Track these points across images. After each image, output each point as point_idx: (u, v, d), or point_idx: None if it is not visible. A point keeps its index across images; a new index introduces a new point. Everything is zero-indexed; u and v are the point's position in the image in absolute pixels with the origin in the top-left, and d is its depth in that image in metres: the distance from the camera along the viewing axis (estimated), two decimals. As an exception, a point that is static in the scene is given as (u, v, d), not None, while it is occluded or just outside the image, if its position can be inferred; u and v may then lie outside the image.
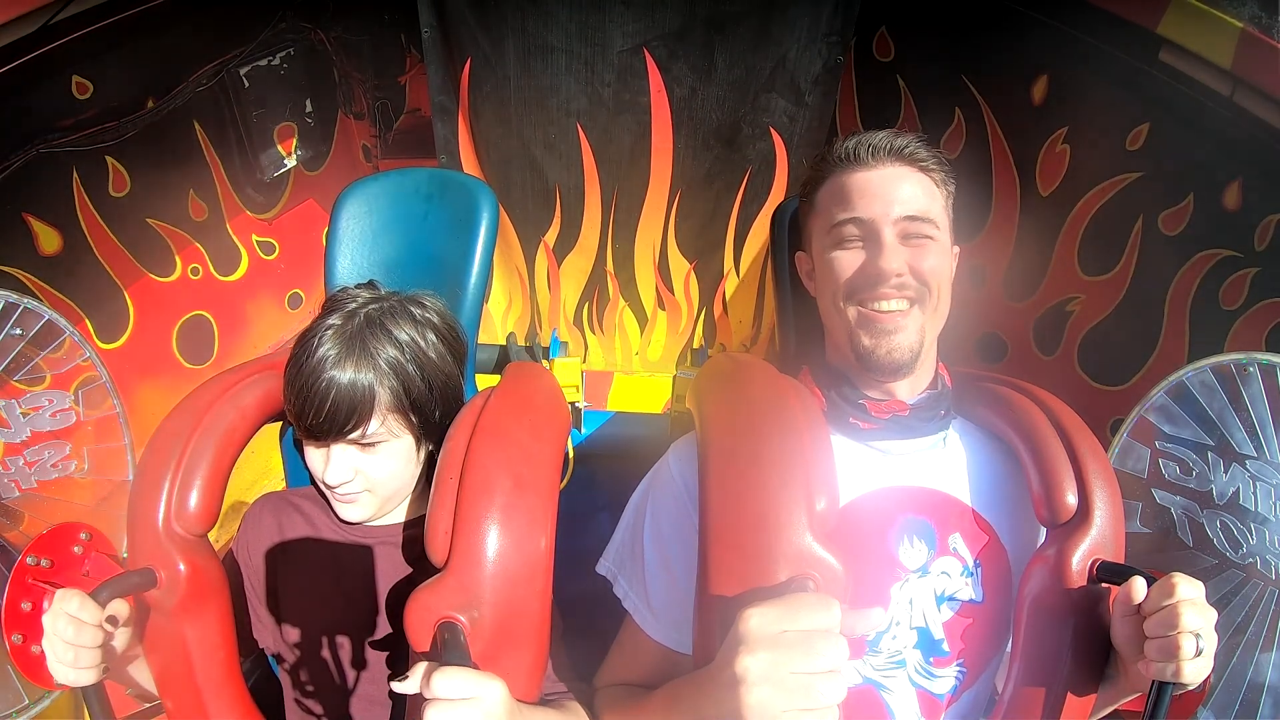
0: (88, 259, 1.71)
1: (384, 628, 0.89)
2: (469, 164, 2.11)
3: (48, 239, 1.58)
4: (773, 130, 2.02)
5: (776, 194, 2.12)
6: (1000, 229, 2.01)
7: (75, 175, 1.64)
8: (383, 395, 0.82)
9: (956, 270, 0.89)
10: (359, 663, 0.90)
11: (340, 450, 0.83)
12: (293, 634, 0.92)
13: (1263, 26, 1.26)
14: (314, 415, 0.80)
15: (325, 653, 0.91)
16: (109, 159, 1.70)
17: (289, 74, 2.31)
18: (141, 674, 0.87)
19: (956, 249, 0.90)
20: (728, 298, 2.39)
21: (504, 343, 1.36)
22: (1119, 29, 1.45)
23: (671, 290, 2.37)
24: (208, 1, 1.78)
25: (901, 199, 0.83)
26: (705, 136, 2.03)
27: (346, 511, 0.88)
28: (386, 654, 0.90)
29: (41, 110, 1.60)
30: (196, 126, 1.98)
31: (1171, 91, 1.42)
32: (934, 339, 0.87)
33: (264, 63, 2.06)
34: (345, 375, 0.80)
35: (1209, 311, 1.47)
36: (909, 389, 0.87)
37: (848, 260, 0.85)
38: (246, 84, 2.04)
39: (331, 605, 0.91)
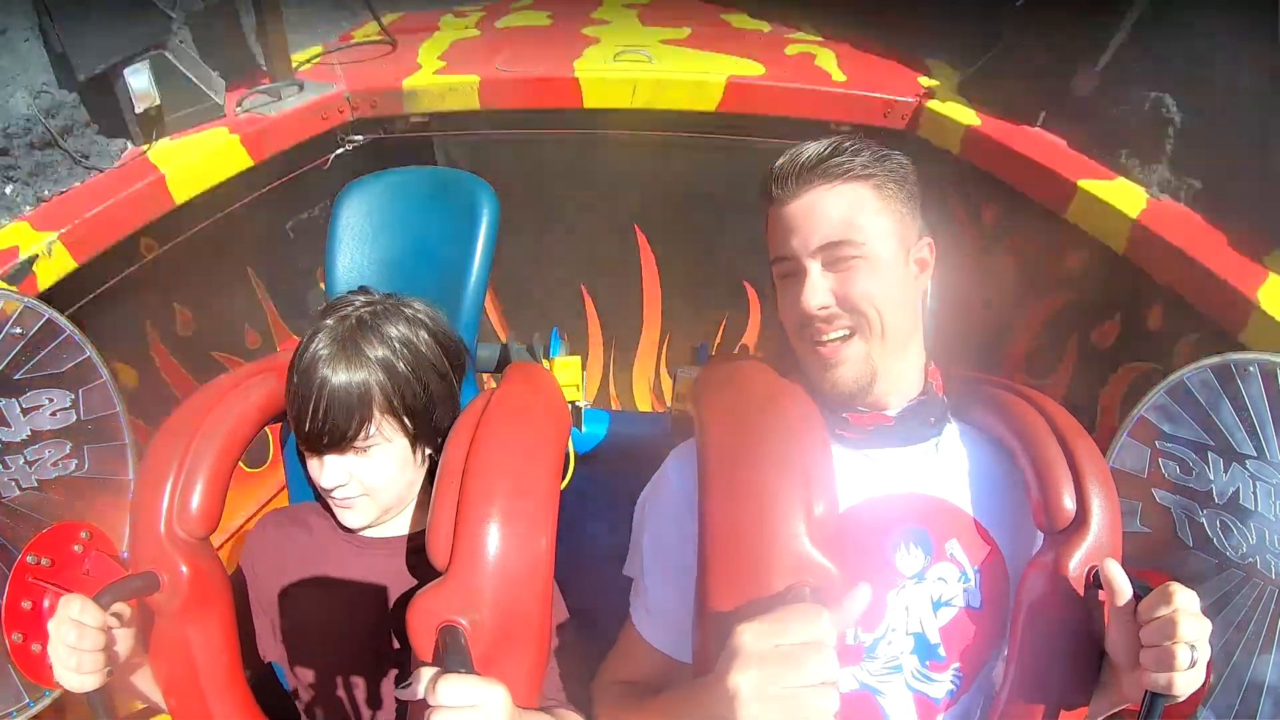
0: (162, 388, 1.85)
1: (391, 638, 0.89)
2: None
3: (126, 375, 1.72)
4: (744, 281, 2.31)
5: (751, 331, 2.40)
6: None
7: (147, 322, 1.78)
8: (375, 396, 0.82)
9: (935, 263, 0.87)
10: (367, 673, 0.90)
11: (334, 457, 0.83)
12: (300, 647, 0.92)
13: (1172, 190, 1.32)
14: (310, 422, 0.81)
15: (333, 664, 0.90)
16: (175, 305, 1.85)
17: (325, 223, 2.44)
18: (150, 685, 0.86)
19: (927, 240, 0.86)
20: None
21: (504, 342, 1.36)
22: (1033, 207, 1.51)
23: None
24: (271, 179, 1.89)
25: (819, 225, 0.80)
26: (686, 290, 2.37)
27: (346, 517, 0.88)
28: (394, 664, 0.89)
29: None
30: (250, 273, 2.10)
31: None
32: (896, 359, 0.84)
33: (305, 216, 2.18)
34: (338, 379, 0.80)
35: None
36: (891, 402, 0.85)
37: (786, 299, 0.85)
38: (292, 236, 2.18)
39: (338, 617, 0.91)
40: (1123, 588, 0.69)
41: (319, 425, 0.81)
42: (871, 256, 0.80)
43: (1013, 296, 1.68)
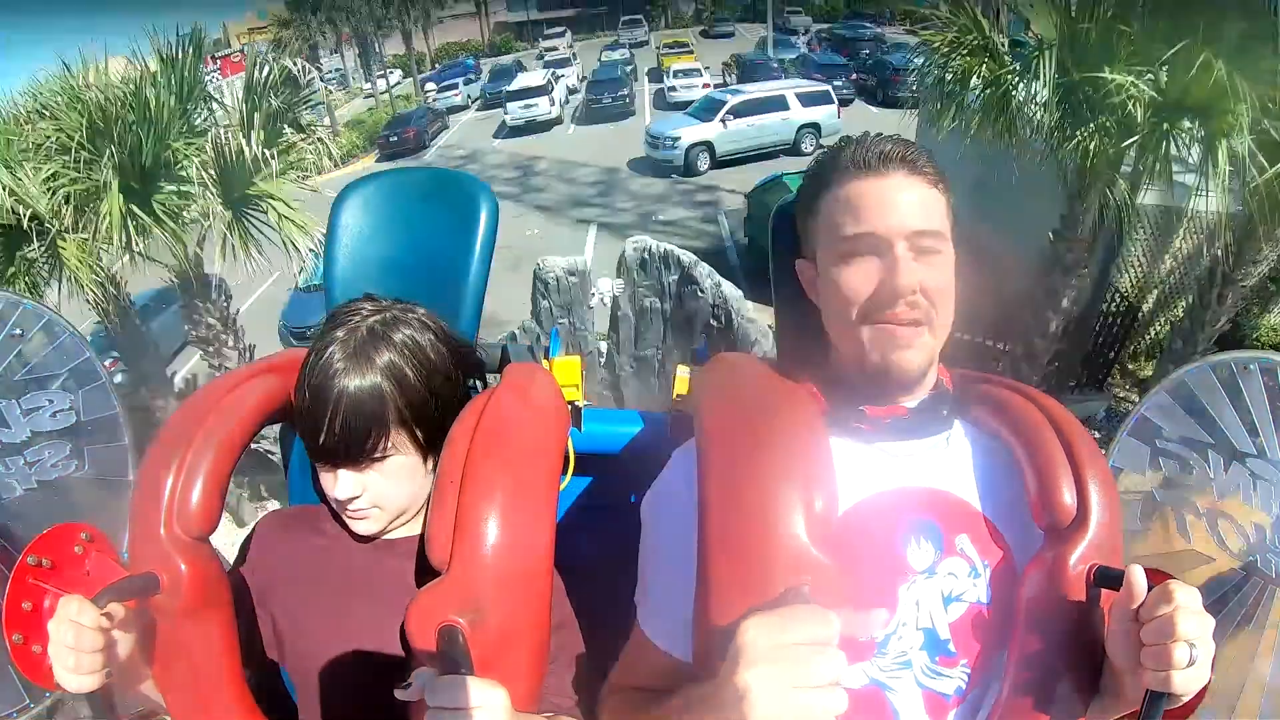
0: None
1: (399, 640, 0.89)
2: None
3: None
4: None
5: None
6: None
7: None
8: (390, 410, 0.81)
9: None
10: (373, 675, 0.90)
11: (348, 468, 0.83)
12: (304, 648, 0.91)
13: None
14: (325, 436, 0.80)
15: (339, 666, 0.90)
16: None
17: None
18: (151, 687, 0.86)
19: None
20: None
21: (504, 343, 1.36)
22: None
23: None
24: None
25: (914, 212, 0.80)
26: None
27: (359, 526, 0.88)
28: (401, 665, 0.89)
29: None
30: None
31: None
32: (938, 352, 0.85)
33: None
34: (353, 393, 0.80)
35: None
36: (912, 396, 0.86)
37: (858, 277, 0.81)
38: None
39: (345, 618, 0.90)
40: (1140, 593, 0.69)
41: (334, 440, 0.80)
42: (948, 254, 0.82)
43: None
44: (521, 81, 18.10)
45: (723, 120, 15.73)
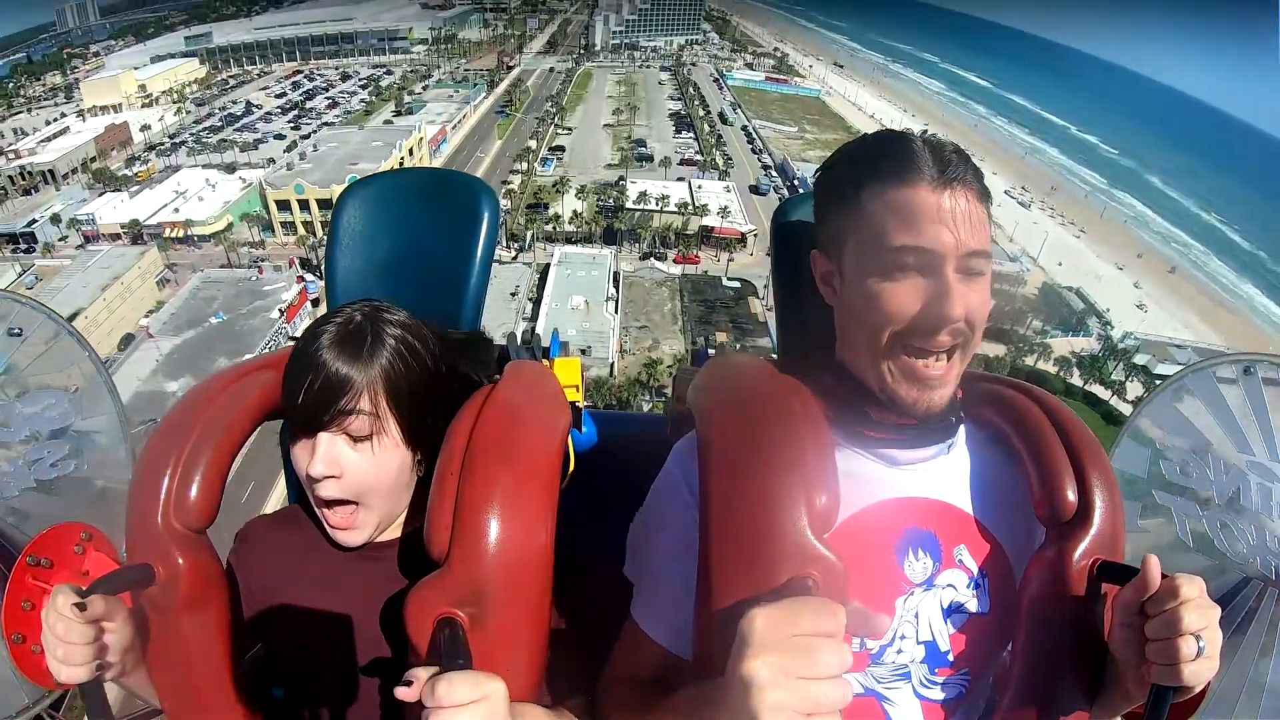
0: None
1: (381, 641, 0.89)
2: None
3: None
4: None
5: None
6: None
7: None
8: (374, 379, 0.82)
9: None
10: (357, 674, 0.89)
11: (328, 439, 0.82)
12: (291, 647, 0.91)
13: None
14: (305, 393, 0.80)
15: (324, 666, 0.90)
16: None
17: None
18: (146, 684, 0.86)
19: None
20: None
21: (504, 342, 1.36)
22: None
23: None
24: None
25: (968, 230, 0.75)
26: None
27: (342, 537, 0.87)
28: (385, 666, 0.89)
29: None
30: None
31: None
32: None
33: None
34: (341, 355, 0.81)
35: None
36: None
37: (902, 296, 0.75)
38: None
39: (329, 619, 0.90)
40: (1153, 585, 0.68)
41: (312, 397, 0.80)
42: (989, 273, 0.78)
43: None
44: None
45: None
